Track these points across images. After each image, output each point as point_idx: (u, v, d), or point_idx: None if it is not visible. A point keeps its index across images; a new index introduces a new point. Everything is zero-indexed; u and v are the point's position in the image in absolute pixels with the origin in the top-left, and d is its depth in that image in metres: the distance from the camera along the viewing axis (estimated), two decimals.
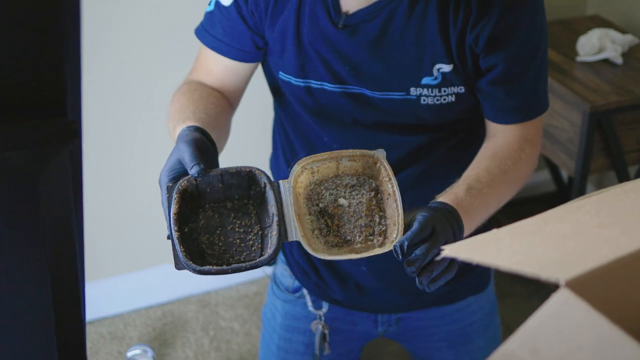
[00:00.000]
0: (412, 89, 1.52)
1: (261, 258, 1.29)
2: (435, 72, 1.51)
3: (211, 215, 1.36)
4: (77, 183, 0.85)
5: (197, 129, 1.43)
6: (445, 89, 1.52)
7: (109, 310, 3.12)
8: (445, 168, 1.65)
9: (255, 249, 1.34)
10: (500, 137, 1.58)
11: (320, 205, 1.37)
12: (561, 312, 0.70)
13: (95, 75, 2.74)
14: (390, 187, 1.33)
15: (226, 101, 1.65)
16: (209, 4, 1.63)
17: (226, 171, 1.34)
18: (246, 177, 1.36)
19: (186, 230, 1.31)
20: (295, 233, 1.31)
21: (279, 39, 1.56)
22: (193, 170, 1.31)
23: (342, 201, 1.36)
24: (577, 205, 0.94)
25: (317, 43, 1.53)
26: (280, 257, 1.86)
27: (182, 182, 1.32)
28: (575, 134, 2.65)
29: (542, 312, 0.72)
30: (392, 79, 1.52)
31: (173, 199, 1.31)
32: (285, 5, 1.54)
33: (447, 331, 1.84)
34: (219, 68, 1.65)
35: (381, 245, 1.32)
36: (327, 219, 1.36)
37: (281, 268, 1.86)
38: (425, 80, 1.51)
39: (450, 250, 0.83)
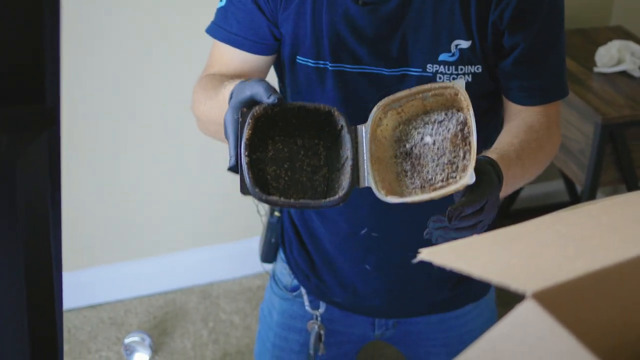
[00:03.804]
0: (429, 66, 1.52)
1: (331, 198, 1.27)
2: (453, 49, 1.51)
3: (280, 148, 1.33)
4: (55, 171, 0.84)
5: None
6: (462, 67, 1.52)
7: (111, 295, 3.14)
8: None
9: (320, 191, 1.32)
10: (525, 117, 1.58)
11: (408, 146, 1.32)
12: (525, 323, 0.70)
13: (89, 68, 2.77)
14: (470, 118, 1.27)
15: None
16: (221, 0, 1.62)
17: (304, 106, 1.32)
18: (323, 117, 1.33)
19: (254, 157, 1.29)
20: (367, 179, 1.28)
21: (295, 21, 1.55)
22: (272, 99, 1.27)
23: (427, 139, 1.31)
24: (562, 215, 0.93)
25: (336, 21, 1.53)
26: (281, 255, 1.86)
27: (258, 109, 1.28)
28: (587, 146, 2.64)
29: (506, 322, 0.71)
30: (410, 55, 1.52)
31: (247, 124, 1.27)
32: None
33: (445, 337, 1.83)
34: (236, 63, 1.63)
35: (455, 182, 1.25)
36: (412, 160, 1.31)
37: (281, 266, 1.86)
38: (443, 56, 1.51)
39: (427, 254, 0.82)
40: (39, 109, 0.79)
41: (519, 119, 1.57)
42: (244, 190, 1.25)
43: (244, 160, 1.26)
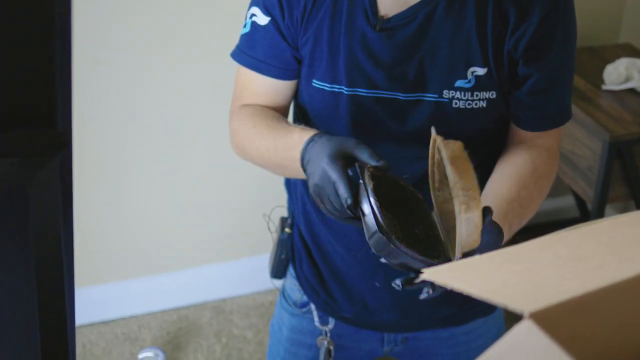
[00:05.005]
0: (445, 91, 1.53)
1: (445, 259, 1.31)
2: (469, 75, 1.53)
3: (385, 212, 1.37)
4: (67, 193, 0.86)
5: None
6: (478, 93, 1.54)
7: (125, 311, 3.15)
8: None
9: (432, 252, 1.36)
10: (530, 147, 1.62)
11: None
12: (522, 343, 0.70)
13: (94, 83, 2.78)
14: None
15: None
16: (244, 26, 1.64)
17: (396, 180, 1.39)
18: (399, 194, 1.39)
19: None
20: (451, 255, 1.33)
21: (312, 45, 1.57)
22: (381, 162, 1.34)
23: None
24: (561, 236, 0.94)
25: (354, 46, 1.54)
26: (290, 271, 1.87)
27: (372, 170, 1.33)
28: (595, 163, 2.65)
29: (504, 342, 0.72)
30: (426, 81, 1.54)
31: (367, 176, 1.32)
32: (319, 13, 1.56)
33: (453, 353, 1.84)
34: (264, 89, 1.65)
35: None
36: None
37: (291, 282, 1.87)
38: (459, 82, 1.53)
39: (428, 274, 0.83)
40: (51, 133, 0.81)
41: (526, 158, 1.60)
42: (384, 244, 1.30)
43: (381, 219, 1.30)
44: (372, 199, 1.30)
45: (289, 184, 1.83)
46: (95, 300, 3.08)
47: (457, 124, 1.57)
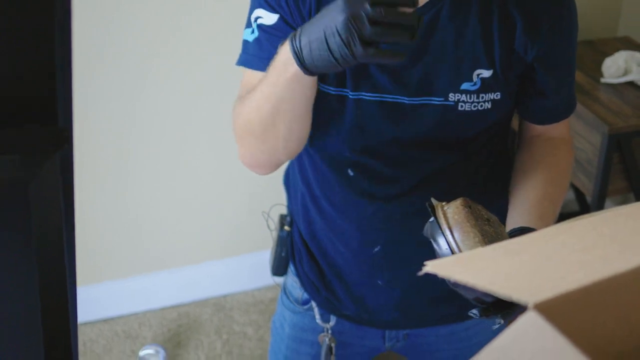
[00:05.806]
0: (451, 95, 1.53)
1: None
2: (474, 78, 1.53)
3: None
4: (68, 190, 0.85)
5: None
6: (483, 95, 1.54)
7: (125, 309, 3.15)
8: (472, 188, 1.66)
9: None
10: (545, 139, 1.67)
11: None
12: (527, 334, 0.70)
13: (94, 81, 2.78)
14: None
15: None
16: (252, 33, 1.58)
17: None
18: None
19: None
20: None
21: None
22: None
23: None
24: (565, 227, 0.94)
25: None
26: (291, 268, 1.87)
27: (443, 205, 1.39)
28: (594, 156, 2.65)
29: (508, 333, 0.72)
30: (432, 85, 1.54)
31: (440, 212, 1.37)
32: None
33: (455, 349, 1.84)
34: None
35: None
36: None
37: (292, 279, 1.87)
38: (465, 85, 1.53)
39: (432, 267, 0.83)
40: (51, 129, 0.80)
41: (544, 152, 1.66)
42: None
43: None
44: (448, 234, 1.35)
45: (288, 183, 1.83)
46: (95, 298, 3.08)
47: (462, 126, 1.57)
